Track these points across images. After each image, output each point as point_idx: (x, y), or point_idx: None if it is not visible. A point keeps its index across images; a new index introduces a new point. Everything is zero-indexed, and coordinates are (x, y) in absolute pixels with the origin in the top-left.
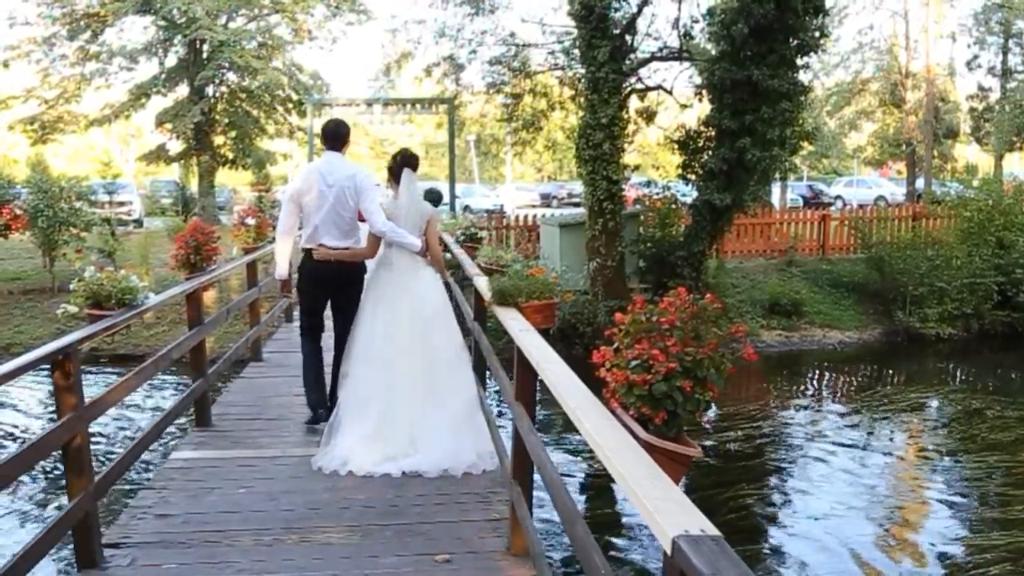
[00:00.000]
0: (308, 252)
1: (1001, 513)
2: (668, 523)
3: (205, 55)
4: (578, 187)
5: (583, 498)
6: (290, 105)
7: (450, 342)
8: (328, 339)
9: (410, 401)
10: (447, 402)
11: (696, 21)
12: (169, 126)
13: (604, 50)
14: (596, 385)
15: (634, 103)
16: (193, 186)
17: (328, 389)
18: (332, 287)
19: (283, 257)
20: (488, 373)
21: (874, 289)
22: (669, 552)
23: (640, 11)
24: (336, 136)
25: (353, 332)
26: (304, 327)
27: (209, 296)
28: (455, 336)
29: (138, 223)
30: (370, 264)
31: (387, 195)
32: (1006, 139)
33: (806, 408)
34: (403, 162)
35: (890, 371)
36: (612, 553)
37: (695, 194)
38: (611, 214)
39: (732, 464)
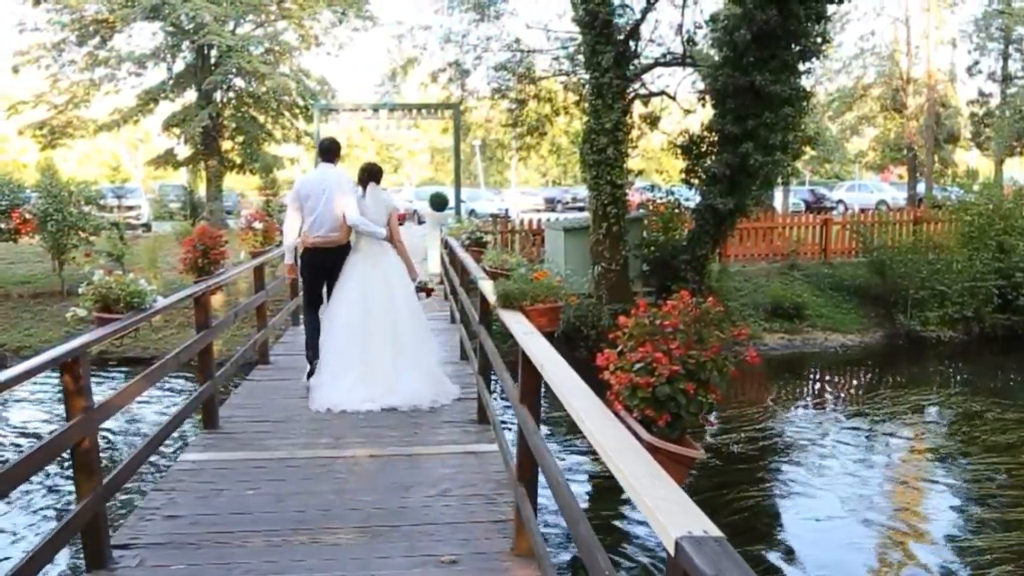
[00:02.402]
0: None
1: (1002, 514)
2: (671, 524)
3: (213, 60)
4: (582, 191)
5: (587, 499)
6: (297, 110)
7: (412, 310)
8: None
9: (383, 355)
10: (413, 357)
11: (699, 27)
12: (177, 131)
13: (608, 56)
14: (600, 387)
15: (638, 108)
16: (201, 190)
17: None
18: (326, 270)
19: (289, 250)
20: (493, 375)
21: (875, 292)
22: (672, 553)
23: (644, 17)
24: (329, 151)
25: (331, 303)
26: (306, 302)
27: (217, 299)
28: (415, 305)
29: (146, 227)
30: None
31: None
32: (1006, 144)
33: (808, 410)
34: (369, 176)
35: (891, 373)
36: (616, 551)
37: (698, 198)
38: (615, 218)
39: (735, 465)
